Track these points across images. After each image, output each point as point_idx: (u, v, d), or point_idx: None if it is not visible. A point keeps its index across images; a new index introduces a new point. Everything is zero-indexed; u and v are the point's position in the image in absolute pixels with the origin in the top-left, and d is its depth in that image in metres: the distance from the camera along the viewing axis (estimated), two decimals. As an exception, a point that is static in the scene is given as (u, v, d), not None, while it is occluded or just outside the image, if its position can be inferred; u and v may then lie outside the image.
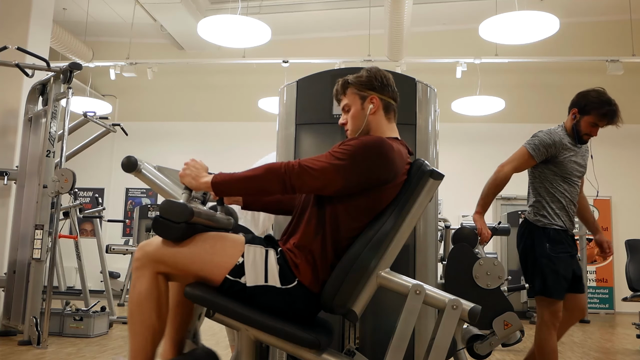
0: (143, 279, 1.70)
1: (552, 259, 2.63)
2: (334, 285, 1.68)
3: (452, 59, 7.84)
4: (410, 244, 2.17)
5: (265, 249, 1.72)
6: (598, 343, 5.06)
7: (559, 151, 2.66)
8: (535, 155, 2.69)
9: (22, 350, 3.71)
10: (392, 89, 1.93)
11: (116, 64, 8.25)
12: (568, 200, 2.70)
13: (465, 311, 1.64)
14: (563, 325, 2.73)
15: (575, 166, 2.69)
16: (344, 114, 1.94)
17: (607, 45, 8.30)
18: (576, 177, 2.71)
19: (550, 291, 2.62)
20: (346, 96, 1.93)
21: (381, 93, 1.89)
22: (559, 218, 2.67)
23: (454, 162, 8.70)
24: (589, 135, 2.70)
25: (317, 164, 1.69)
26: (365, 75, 1.91)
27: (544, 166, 2.72)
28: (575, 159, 2.70)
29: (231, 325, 1.67)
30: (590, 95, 2.67)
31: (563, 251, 2.64)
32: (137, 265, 1.72)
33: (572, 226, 2.74)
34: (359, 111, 1.89)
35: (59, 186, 3.95)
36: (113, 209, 9.45)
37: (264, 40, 5.98)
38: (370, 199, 1.75)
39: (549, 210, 2.68)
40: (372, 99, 1.89)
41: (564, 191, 2.69)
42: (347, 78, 1.93)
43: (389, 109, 1.92)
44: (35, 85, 4.58)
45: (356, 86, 1.90)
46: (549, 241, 2.65)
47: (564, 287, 2.62)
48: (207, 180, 1.72)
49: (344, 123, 1.94)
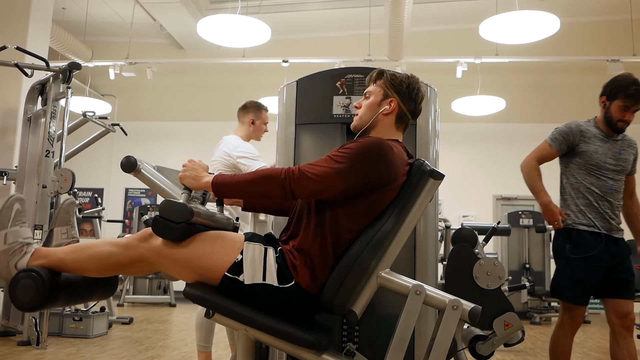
0: (122, 255, 1.71)
1: (570, 261, 2.54)
2: (334, 285, 1.68)
3: (452, 59, 7.83)
4: (411, 244, 2.16)
5: (264, 247, 1.72)
6: (599, 343, 5.05)
7: (578, 139, 2.58)
8: (553, 144, 2.64)
9: (21, 351, 3.71)
10: (416, 104, 1.92)
11: (116, 63, 8.23)
12: (597, 196, 2.56)
13: (466, 311, 1.64)
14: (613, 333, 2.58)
15: (603, 158, 2.57)
16: (363, 98, 1.95)
17: (607, 45, 8.29)
18: (606, 170, 2.57)
19: (563, 295, 2.56)
20: (374, 85, 1.94)
21: (403, 101, 1.89)
22: (584, 216, 2.56)
23: (454, 162, 8.70)
24: (624, 122, 2.59)
25: (317, 169, 1.69)
26: (400, 78, 1.91)
27: (569, 159, 2.65)
28: (604, 150, 2.58)
29: (230, 325, 1.66)
30: (616, 80, 2.61)
31: (584, 254, 2.53)
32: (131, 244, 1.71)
33: (608, 225, 2.57)
34: (375, 105, 1.90)
35: (58, 186, 3.94)
36: (112, 209, 9.44)
37: (264, 40, 5.98)
38: (370, 201, 1.74)
39: (573, 208, 2.60)
40: (392, 102, 1.89)
41: (590, 185, 2.57)
42: (385, 70, 1.94)
43: (403, 119, 1.91)
44: (35, 85, 4.56)
45: (387, 81, 1.91)
46: (570, 242, 2.57)
47: (581, 292, 2.53)
48: (208, 181, 1.73)
49: (357, 107, 1.95)
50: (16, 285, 1.68)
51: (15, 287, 1.68)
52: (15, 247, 1.75)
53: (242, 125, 3.36)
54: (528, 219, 7.39)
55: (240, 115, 3.39)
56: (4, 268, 1.74)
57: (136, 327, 5.14)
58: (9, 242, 1.75)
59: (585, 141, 2.60)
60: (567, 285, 2.55)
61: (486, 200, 9.03)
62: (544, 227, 7.00)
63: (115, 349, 3.92)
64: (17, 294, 1.68)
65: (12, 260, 1.74)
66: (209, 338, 3.01)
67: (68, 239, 1.98)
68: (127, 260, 1.72)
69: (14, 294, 1.68)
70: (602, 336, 5.63)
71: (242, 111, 3.39)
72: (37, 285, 1.68)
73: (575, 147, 2.61)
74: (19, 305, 1.69)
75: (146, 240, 1.71)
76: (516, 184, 9.55)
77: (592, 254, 2.54)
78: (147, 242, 1.71)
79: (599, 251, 2.54)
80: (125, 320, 5.34)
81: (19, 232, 1.77)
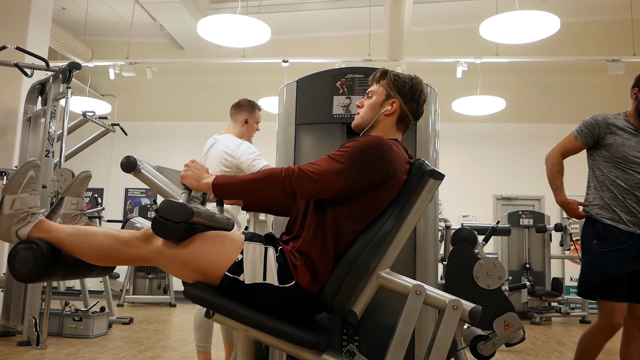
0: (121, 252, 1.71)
1: (597, 256, 2.45)
2: (334, 285, 1.67)
3: (452, 59, 7.83)
4: (411, 244, 2.16)
5: (264, 247, 1.72)
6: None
7: (604, 132, 2.53)
8: (579, 136, 2.60)
9: (21, 351, 3.70)
10: (418, 106, 1.92)
11: (115, 63, 8.23)
12: (623, 190, 2.48)
13: (466, 312, 1.64)
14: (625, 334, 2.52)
15: (630, 151, 2.49)
16: (365, 98, 1.95)
17: (608, 44, 8.28)
18: (633, 163, 2.48)
19: (593, 292, 2.46)
20: (378, 84, 1.94)
21: (405, 102, 1.89)
22: (609, 210, 2.49)
23: (454, 162, 8.69)
24: None
25: (317, 168, 1.69)
26: (403, 79, 1.91)
27: (595, 151, 2.59)
28: (632, 143, 2.50)
29: (231, 325, 1.66)
30: None
31: (611, 247, 2.43)
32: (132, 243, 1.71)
33: (637, 220, 2.46)
34: (377, 105, 1.90)
35: (58, 186, 3.94)
36: (112, 209, 9.43)
37: (264, 39, 5.97)
38: (370, 200, 1.74)
39: (598, 201, 2.53)
40: (394, 102, 1.89)
41: (616, 179, 2.50)
42: (389, 70, 1.94)
43: (404, 120, 1.91)
44: (35, 85, 4.56)
45: (390, 82, 1.91)
46: (596, 237, 2.49)
47: (613, 285, 2.40)
48: (209, 182, 1.73)
49: (359, 106, 1.95)
50: (15, 256, 1.70)
51: (15, 257, 1.70)
52: (20, 214, 1.75)
53: (235, 124, 3.26)
54: (528, 219, 7.38)
55: (233, 114, 3.29)
56: (5, 231, 1.76)
57: (136, 327, 5.14)
58: (16, 207, 1.75)
59: (612, 133, 2.53)
60: (596, 281, 2.43)
61: (486, 200, 9.02)
62: (544, 227, 6.99)
63: (115, 349, 3.91)
64: (16, 264, 1.70)
65: (15, 226, 1.75)
66: (208, 338, 3.00)
67: (77, 210, 1.99)
68: (126, 257, 1.73)
69: (13, 264, 1.70)
70: (602, 336, 5.62)
71: (235, 109, 3.29)
72: (36, 257, 1.69)
73: (602, 139, 2.56)
74: (17, 275, 1.71)
75: (147, 240, 1.71)
76: (516, 183, 9.60)
77: (620, 247, 2.44)
78: (148, 242, 1.71)
79: (628, 246, 2.44)
80: (125, 321, 5.33)
81: (27, 199, 1.77)
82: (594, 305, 8.26)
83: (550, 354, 4.32)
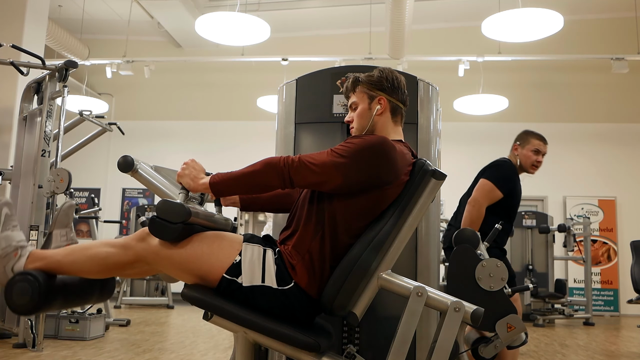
0: (120, 256, 1.69)
1: None
2: (334, 286, 1.66)
3: (454, 57, 7.79)
4: (412, 245, 2.17)
5: (263, 248, 1.71)
6: (603, 346, 5.00)
7: None
8: None
9: (16, 353, 3.67)
10: (402, 92, 1.90)
11: (113, 62, 8.19)
12: None
13: (468, 313, 1.64)
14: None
15: None
16: (350, 112, 1.92)
17: (612, 43, 8.23)
18: None
19: None
20: (355, 94, 1.90)
21: (390, 95, 1.87)
22: None
23: (456, 161, 8.63)
24: None
25: (317, 160, 1.68)
26: (376, 75, 1.88)
27: None
28: None
29: (229, 328, 1.65)
30: None
31: None
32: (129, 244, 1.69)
33: None
34: (366, 110, 1.87)
35: (54, 186, 3.90)
36: (109, 209, 9.38)
37: (263, 37, 5.94)
38: (370, 200, 1.72)
39: None
40: (380, 100, 1.87)
41: None
42: (358, 76, 1.90)
43: (397, 112, 1.89)
44: (30, 84, 4.52)
45: (366, 85, 1.88)
46: None
47: None
48: (205, 182, 1.72)
49: (349, 121, 1.92)
50: (12, 289, 1.68)
51: (12, 290, 1.68)
52: (9, 251, 1.74)
53: None
54: (531, 219, 7.34)
55: None
56: (1, 273, 1.74)
57: (133, 329, 5.11)
58: (2, 247, 1.74)
59: None
60: None
61: (488, 200, 8.97)
62: (547, 227, 6.95)
63: (112, 352, 3.87)
64: (13, 297, 1.68)
65: (8, 264, 1.73)
66: None
67: (67, 242, 1.99)
68: (125, 260, 1.71)
69: (10, 297, 1.68)
70: (606, 338, 5.59)
71: None
72: (33, 288, 1.68)
73: None
74: (15, 308, 1.69)
75: (144, 240, 1.70)
76: (518, 183, 9.52)
77: None
78: (144, 242, 1.69)
79: None
80: (122, 323, 5.29)
81: (11, 236, 1.77)
82: (597, 307, 8.23)
83: (554, 357, 4.28)
